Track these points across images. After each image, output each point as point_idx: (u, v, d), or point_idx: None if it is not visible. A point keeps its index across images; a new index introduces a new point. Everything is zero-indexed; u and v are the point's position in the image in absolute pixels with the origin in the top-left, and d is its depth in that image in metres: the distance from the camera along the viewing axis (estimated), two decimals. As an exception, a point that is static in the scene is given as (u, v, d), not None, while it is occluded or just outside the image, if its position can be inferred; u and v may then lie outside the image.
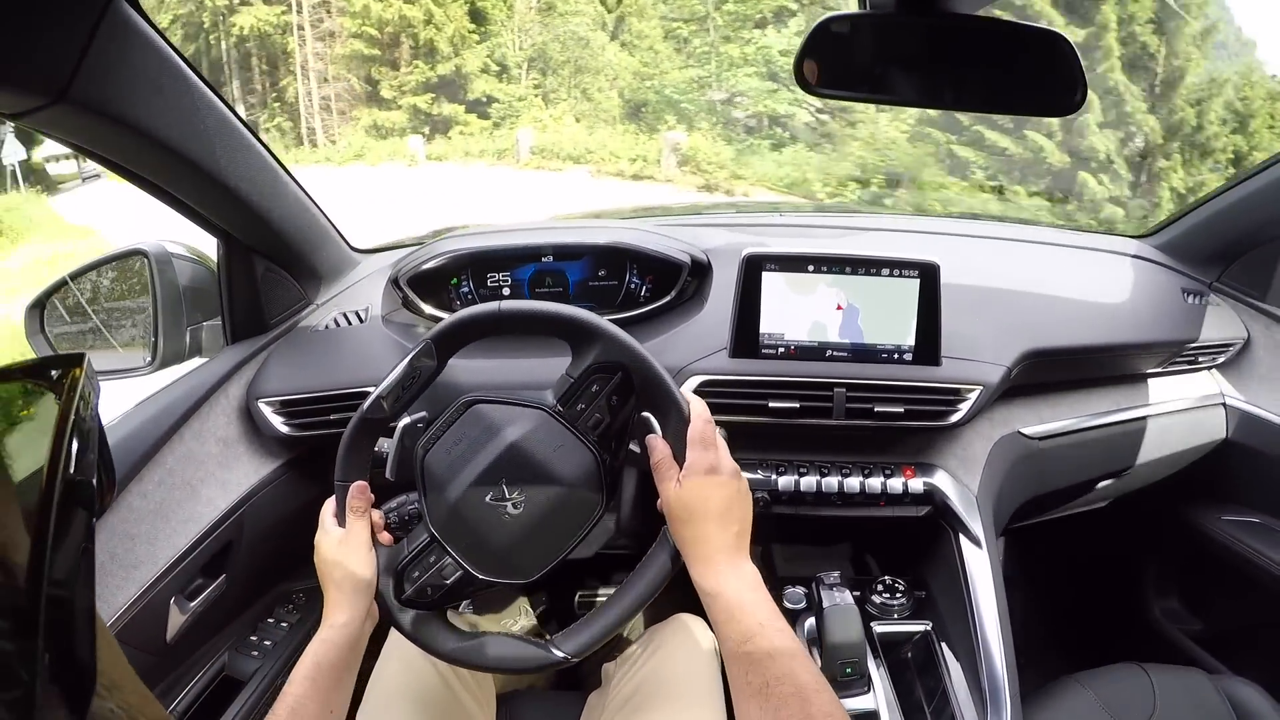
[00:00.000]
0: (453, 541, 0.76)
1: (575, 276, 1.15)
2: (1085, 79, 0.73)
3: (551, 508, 0.75)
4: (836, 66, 0.79)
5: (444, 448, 0.77)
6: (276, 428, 1.06)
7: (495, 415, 0.76)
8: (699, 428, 0.74)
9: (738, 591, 0.68)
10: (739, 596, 0.67)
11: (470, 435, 0.76)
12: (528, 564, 0.77)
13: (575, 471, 0.75)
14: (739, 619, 0.66)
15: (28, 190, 16.29)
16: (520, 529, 0.75)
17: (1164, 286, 1.24)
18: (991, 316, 1.09)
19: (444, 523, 0.76)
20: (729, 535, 0.71)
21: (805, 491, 1.04)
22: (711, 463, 0.73)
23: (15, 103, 0.62)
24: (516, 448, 0.75)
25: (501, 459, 0.75)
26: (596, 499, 0.76)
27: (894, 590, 1.08)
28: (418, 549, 0.77)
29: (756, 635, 0.64)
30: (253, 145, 0.94)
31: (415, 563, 0.77)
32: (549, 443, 0.75)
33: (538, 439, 0.75)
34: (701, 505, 0.71)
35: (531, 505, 0.75)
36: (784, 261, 1.03)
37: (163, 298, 1.08)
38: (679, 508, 0.72)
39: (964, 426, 1.05)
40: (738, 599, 0.67)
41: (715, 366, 1.04)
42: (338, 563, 0.76)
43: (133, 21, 0.67)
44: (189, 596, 1.02)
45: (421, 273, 1.12)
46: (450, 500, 0.75)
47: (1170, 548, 1.45)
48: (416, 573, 0.77)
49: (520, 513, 0.75)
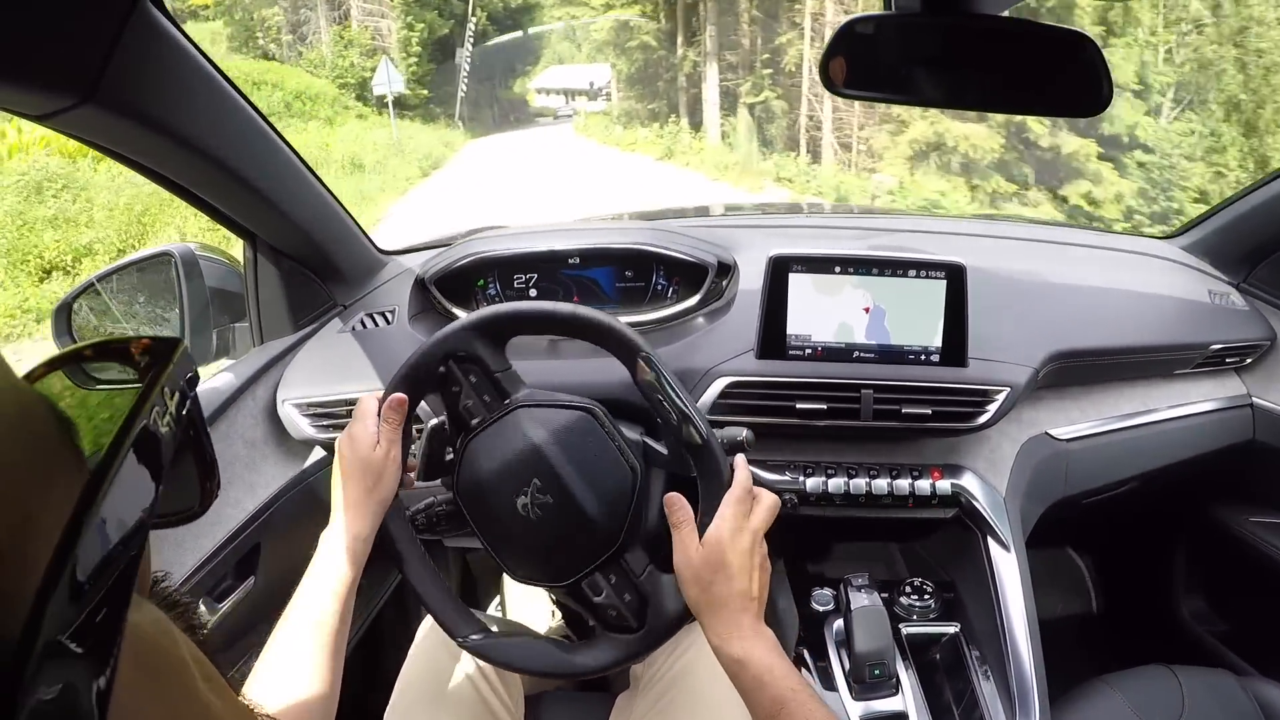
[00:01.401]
0: (477, 519, 0.79)
1: (602, 278, 1.15)
2: (1111, 78, 0.72)
3: (580, 512, 0.76)
4: (862, 67, 0.79)
5: (486, 437, 0.78)
6: (304, 430, 1.07)
7: (540, 415, 0.77)
8: (738, 495, 0.74)
9: (764, 658, 0.67)
10: (766, 662, 0.67)
11: (511, 431, 0.78)
12: (559, 569, 0.77)
13: (609, 482, 0.76)
14: (769, 686, 0.66)
15: (401, 120, 17.03)
16: (547, 528, 0.76)
17: (1190, 288, 1.23)
18: (1018, 317, 1.09)
19: (471, 501, 0.79)
20: (750, 601, 0.71)
21: (833, 493, 1.04)
22: (738, 527, 0.72)
23: (42, 104, 0.62)
24: (554, 447, 0.76)
25: (538, 456, 0.76)
26: (626, 510, 0.77)
27: (922, 592, 1.08)
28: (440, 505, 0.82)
29: (789, 701, 0.64)
30: (279, 147, 0.94)
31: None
32: (589, 448, 0.77)
33: (577, 442, 0.76)
34: (722, 569, 0.70)
35: (561, 507, 0.75)
36: (811, 263, 1.02)
37: (190, 299, 1.09)
38: (702, 569, 0.71)
39: (991, 428, 1.04)
40: (766, 664, 0.67)
41: (742, 368, 1.04)
42: (369, 469, 0.77)
43: (159, 23, 0.67)
44: (217, 598, 1.03)
45: (448, 274, 1.12)
46: (480, 484, 0.78)
47: (1197, 549, 1.45)
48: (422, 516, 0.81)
49: (546, 514, 0.76)
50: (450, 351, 0.80)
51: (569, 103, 22.60)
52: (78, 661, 0.20)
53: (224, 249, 1.18)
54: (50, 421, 0.24)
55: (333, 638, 0.71)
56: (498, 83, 22.53)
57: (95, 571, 0.21)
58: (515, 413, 0.79)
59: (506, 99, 23.22)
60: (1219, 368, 1.22)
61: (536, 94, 23.70)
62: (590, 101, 21.85)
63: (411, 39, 19.02)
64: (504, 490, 0.77)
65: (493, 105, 21.81)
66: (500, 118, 22.03)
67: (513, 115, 22.47)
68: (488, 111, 21.53)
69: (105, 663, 0.21)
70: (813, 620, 1.07)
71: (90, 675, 0.20)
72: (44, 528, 0.20)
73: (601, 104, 21.06)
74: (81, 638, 0.20)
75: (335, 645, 0.71)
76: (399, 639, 1.00)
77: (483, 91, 21.33)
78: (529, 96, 24.22)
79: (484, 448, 0.79)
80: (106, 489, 0.22)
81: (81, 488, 0.22)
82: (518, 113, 22.88)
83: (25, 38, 0.54)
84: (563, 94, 23.08)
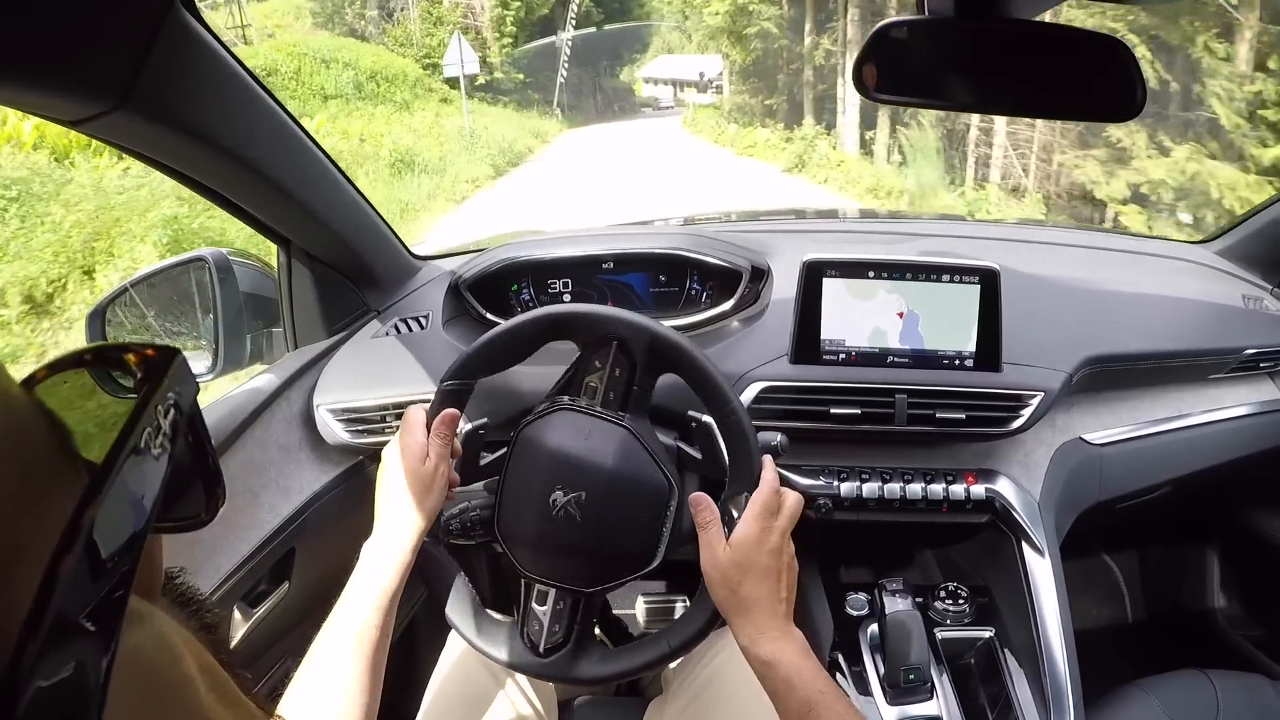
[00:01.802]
0: (514, 547, 0.81)
1: (636, 283, 1.15)
2: (1145, 84, 0.72)
3: (617, 519, 0.76)
4: (894, 72, 0.79)
5: (538, 428, 0.80)
6: (339, 435, 1.07)
7: (581, 422, 0.78)
8: (765, 495, 0.74)
9: (793, 660, 0.67)
10: (796, 664, 0.67)
11: (553, 436, 0.79)
12: (590, 577, 0.78)
13: (645, 494, 0.77)
14: (797, 687, 0.66)
15: (493, 106, 16.28)
16: (579, 533, 0.76)
17: (1224, 292, 1.23)
18: (1052, 322, 1.09)
19: (510, 533, 0.80)
20: (779, 602, 0.71)
21: (867, 498, 1.04)
22: (765, 528, 0.72)
23: (76, 110, 0.62)
24: (582, 455, 0.77)
25: (564, 465, 0.77)
26: (661, 521, 0.77)
27: (956, 597, 1.08)
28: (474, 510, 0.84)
29: (818, 703, 0.64)
30: (312, 151, 0.94)
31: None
32: (625, 456, 0.77)
33: (614, 451, 0.77)
34: (751, 570, 0.70)
35: (594, 512, 0.76)
36: (844, 268, 1.02)
37: (224, 305, 1.09)
38: (730, 570, 0.71)
39: (1025, 433, 1.04)
40: (795, 666, 0.67)
41: (776, 373, 1.04)
42: (418, 480, 0.77)
43: (192, 28, 0.67)
44: (252, 603, 1.03)
45: (482, 279, 1.12)
46: (516, 511, 0.79)
47: (1231, 553, 1.45)
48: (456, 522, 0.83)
49: (581, 518, 0.76)
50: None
51: (677, 93, 21.46)
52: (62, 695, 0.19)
53: (259, 256, 1.18)
54: (44, 432, 0.24)
55: (373, 650, 0.70)
56: (603, 70, 21.53)
57: (79, 604, 0.20)
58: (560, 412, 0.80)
59: (611, 87, 22.15)
60: (1253, 372, 1.22)
61: (644, 84, 22.64)
62: (699, 94, 20.58)
63: (506, 18, 18.02)
64: (542, 485, 0.78)
65: (595, 93, 20.72)
66: (604, 106, 20.95)
67: (617, 105, 21.32)
68: (590, 100, 20.48)
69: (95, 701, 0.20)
70: (847, 625, 1.07)
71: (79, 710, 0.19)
72: (35, 556, 0.20)
73: (710, 96, 19.87)
74: (67, 666, 0.19)
75: (376, 658, 0.71)
76: (432, 643, 1.01)
77: (585, 78, 20.24)
78: (636, 86, 23.17)
79: (536, 436, 0.80)
80: (93, 514, 0.21)
81: (74, 506, 0.21)
82: (622, 102, 21.73)
83: (59, 43, 0.54)
84: (670, 84, 22.07)
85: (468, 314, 1.15)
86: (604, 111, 20.62)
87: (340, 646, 0.69)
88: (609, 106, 20.76)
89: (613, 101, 21.23)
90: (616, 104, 20.59)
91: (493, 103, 16.96)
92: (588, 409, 0.80)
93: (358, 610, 0.71)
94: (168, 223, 5.44)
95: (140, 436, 0.24)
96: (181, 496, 0.32)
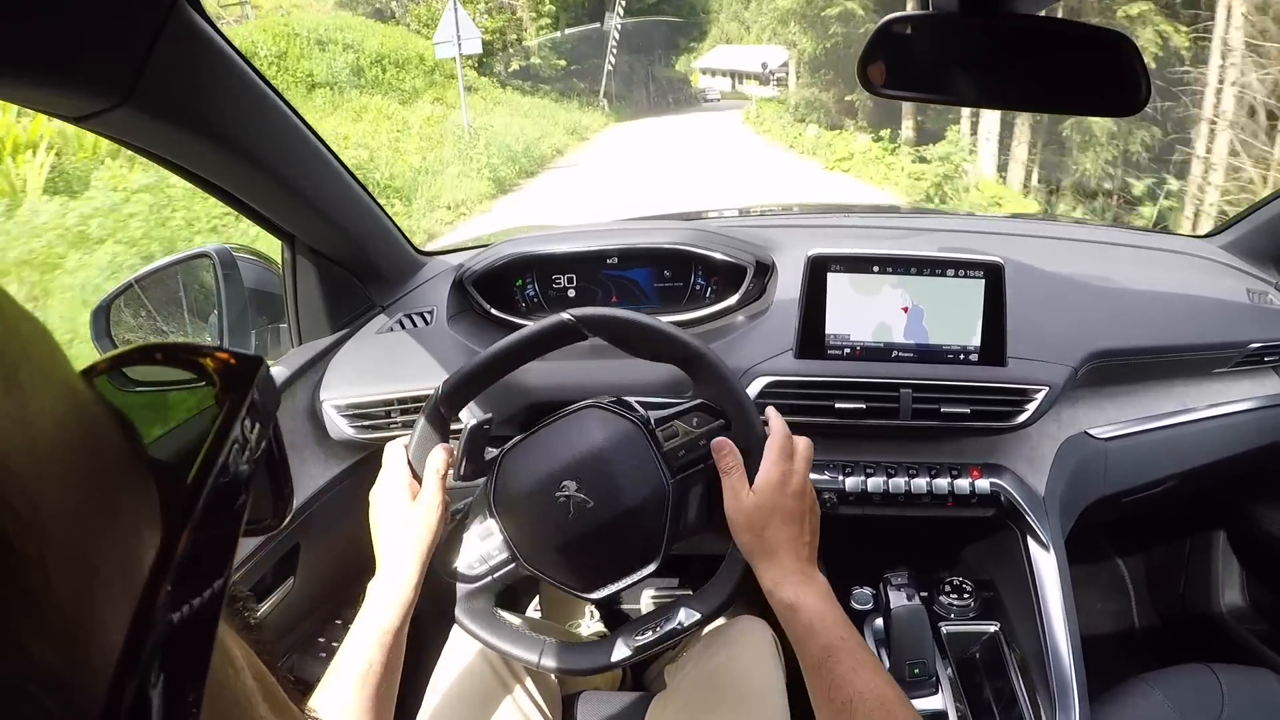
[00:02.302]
0: (509, 524, 0.79)
1: (641, 278, 1.15)
2: (1149, 78, 0.73)
3: (615, 522, 0.76)
4: (899, 67, 0.80)
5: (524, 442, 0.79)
6: (343, 430, 1.07)
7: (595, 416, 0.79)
8: (780, 440, 0.74)
9: (816, 604, 0.68)
10: (819, 608, 0.67)
11: (553, 434, 0.79)
12: (590, 578, 0.78)
13: (646, 493, 0.76)
14: (819, 633, 0.66)
15: (531, 96, 13.65)
16: (581, 533, 0.76)
17: (1229, 286, 1.23)
18: (1056, 316, 1.09)
19: (506, 505, 0.78)
20: (803, 545, 0.71)
21: (872, 492, 1.04)
22: (785, 471, 0.73)
23: (80, 106, 0.62)
24: (596, 452, 0.76)
25: (578, 459, 0.76)
26: (660, 527, 0.77)
27: (961, 591, 1.08)
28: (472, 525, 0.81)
29: (839, 649, 0.64)
30: (317, 148, 0.94)
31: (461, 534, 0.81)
32: (630, 457, 0.77)
33: (619, 449, 0.77)
34: (775, 513, 0.71)
35: (598, 512, 0.76)
36: (849, 263, 1.02)
37: (228, 300, 1.09)
38: (754, 514, 0.72)
39: (1030, 427, 1.04)
40: (818, 611, 0.67)
41: (781, 367, 1.04)
42: (411, 521, 0.76)
43: (196, 24, 0.67)
44: (257, 599, 1.03)
45: (486, 274, 1.12)
46: (517, 485, 0.78)
47: (1237, 547, 1.45)
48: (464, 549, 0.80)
49: (584, 516, 0.76)
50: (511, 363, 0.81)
51: (736, 85, 19.33)
52: None
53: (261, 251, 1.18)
54: (114, 432, 0.21)
55: (378, 688, 0.70)
56: (656, 59, 19.18)
57: (174, 633, 0.18)
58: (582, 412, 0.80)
59: (665, 77, 19.67)
60: (1258, 367, 1.22)
61: (701, 75, 20.43)
62: (761, 86, 18.60)
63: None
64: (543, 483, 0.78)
65: (648, 83, 18.41)
66: (657, 97, 18.75)
67: (671, 96, 19.05)
68: (642, 90, 18.17)
69: None
70: (852, 619, 1.06)
71: None
72: (109, 576, 0.18)
73: (773, 90, 17.82)
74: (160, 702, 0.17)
75: (381, 694, 0.71)
76: (433, 638, 1.01)
77: (638, 66, 18.03)
78: (693, 77, 20.79)
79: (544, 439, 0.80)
80: (187, 536, 0.19)
81: (155, 515, 0.19)
82: (677, 93, 19.47)
83: (62, 40, 0.54)
84: (729, 75, 20.01)
85: (472, 309, 1.15)
86: (657, 104, 18.56)
87: (346, 687, 0.69)
88: (663, 98, 18.58)
89: (666, 93, 19.02)
90: (671, 95, 18.37)
91: (531, 91, 14.78)
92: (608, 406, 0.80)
93: (363, 651, 0.71)
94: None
95: (230, 450, 0.22)
96: (256, 502, 0.31)
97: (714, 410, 0.79)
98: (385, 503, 0.78)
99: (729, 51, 20.48)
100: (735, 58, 20.23)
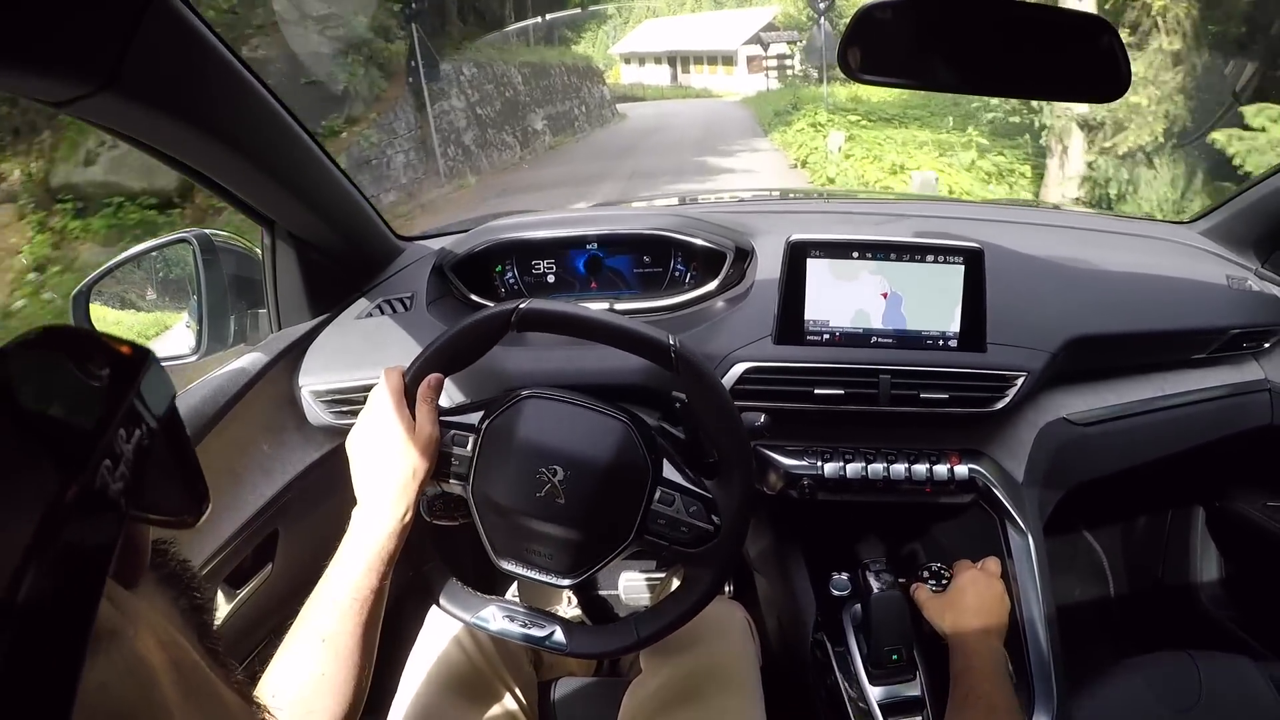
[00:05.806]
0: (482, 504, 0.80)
1: (620, 264, 1.15)
2: (1129, 64, 0.73)
3: (595, 507, 0.77)
4: (879, 52, 0.79)
5: (505, 423, 0.80)
6: (322, 416, 1.07)
7: (563, 411, 0.80)
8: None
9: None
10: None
11: (535, 423, 0.79)
12: (567, 562, 0.79)
13: (626, 484, 0.78)
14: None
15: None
16: (561, 518, 0.77)
17: (1208, 272, 1.23)
18: (1036, 302, 1.09)
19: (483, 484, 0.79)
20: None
21: (851, 478, 1.04)
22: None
23: (62, 90, 0.62)
24: (580, 445, 0.78)
25: (563, 450, 0.77)
26: (640, 502, 0.78)
27: (940, 576, 1.08)
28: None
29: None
30: (298, 134, 0.94)
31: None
32: (616, 451, 0.79)
33: (607, 445, 0.78)
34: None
35: (576, 500, 0.77)
36: (828, 248, 1.02)
37: (208, 285, 1.09)
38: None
39: (1009, 413, 1.04)
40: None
41: (760, 353, 1.04)
42: (410, 450, 0.75)
43: (178, 9, 0.67)
44: (235, 584, 1.03)
45: (466, 260, 1.12)
46: (498, 468, 0.79)
47: (1215, 534, 1.45)
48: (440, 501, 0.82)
49: (564, 502, 0.77)
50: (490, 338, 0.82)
51: (677, 75, 13.34)
52: None
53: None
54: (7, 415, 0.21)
55: (371, 617, 0.70)
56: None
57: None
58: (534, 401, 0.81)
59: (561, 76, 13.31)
60: (1237, 352, 1.22)
61: (624, 65, 14.97)
62: (751, 75, 13.55)
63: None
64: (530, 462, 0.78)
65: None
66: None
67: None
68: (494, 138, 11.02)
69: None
70: (831, 605, 1.08)
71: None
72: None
73: (762, 78, 12.53)
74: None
75: (373, 624, 0.71)
76: (410, 622, 1.01)
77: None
78: (612, 72, 15.00)
79: (531, 414, 0.81)
80: (64, 516, 0.19)
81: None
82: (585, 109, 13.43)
83: (45, 24, 0.54)
84: (668, 62, 14.28)
85: (452, 295, 1.14)
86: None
87: (337, 613, 0.69)
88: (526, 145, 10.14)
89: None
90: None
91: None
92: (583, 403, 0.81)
93: (355, 577, 0.70)
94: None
95: (114, 440, 0.22)
96: (165, 497, 0.30)
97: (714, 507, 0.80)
98: (379, 431, 0.77)
99: (671, 26, 14.31)
100: (685, 34, 14.49)
